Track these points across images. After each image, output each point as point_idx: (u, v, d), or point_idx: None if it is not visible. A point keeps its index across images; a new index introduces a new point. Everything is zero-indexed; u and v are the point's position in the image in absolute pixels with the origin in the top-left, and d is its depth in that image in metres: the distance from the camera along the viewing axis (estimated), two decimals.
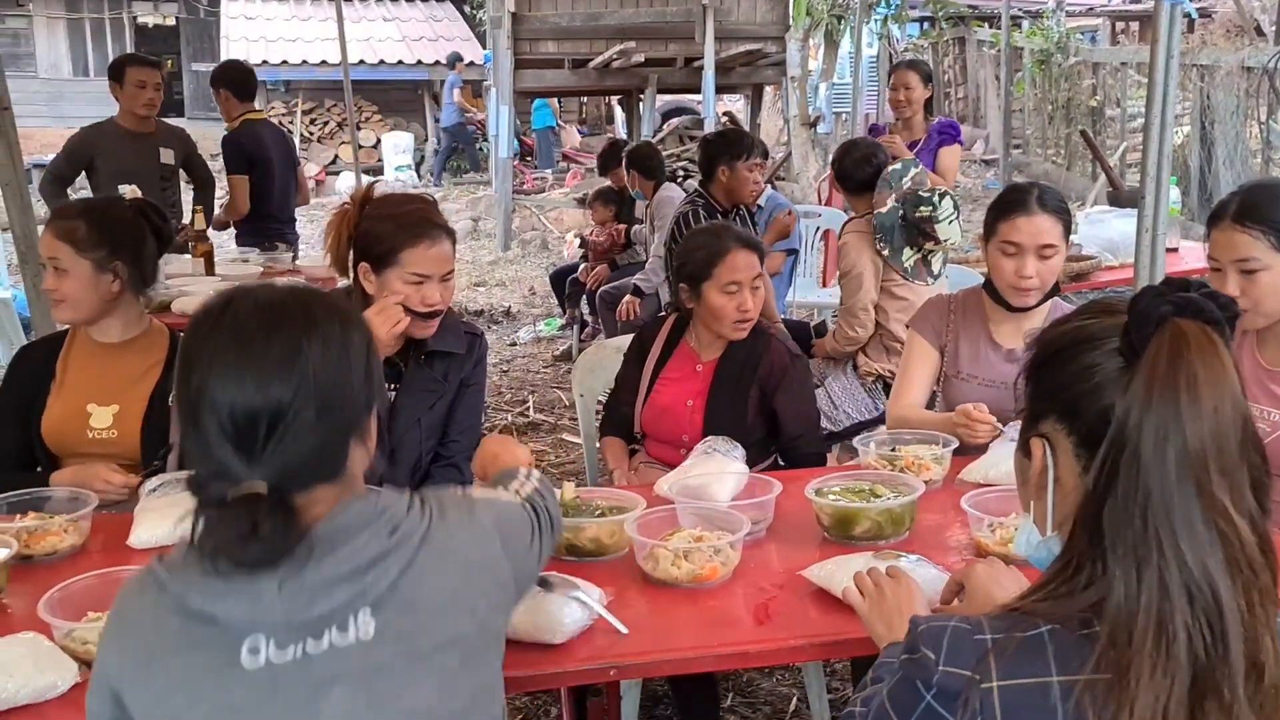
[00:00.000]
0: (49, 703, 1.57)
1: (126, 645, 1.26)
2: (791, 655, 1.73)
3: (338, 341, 1.26)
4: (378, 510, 1.27)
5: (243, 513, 1.16)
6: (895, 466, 2.23)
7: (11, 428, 2.54)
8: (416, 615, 1.25)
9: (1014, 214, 2.60)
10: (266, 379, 1.20)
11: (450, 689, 1.27)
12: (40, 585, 1.93)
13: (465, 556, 1.32)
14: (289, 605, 1.20)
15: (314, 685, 1.21)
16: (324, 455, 1.25)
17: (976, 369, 2.71)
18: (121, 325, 2.56)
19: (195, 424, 1.21)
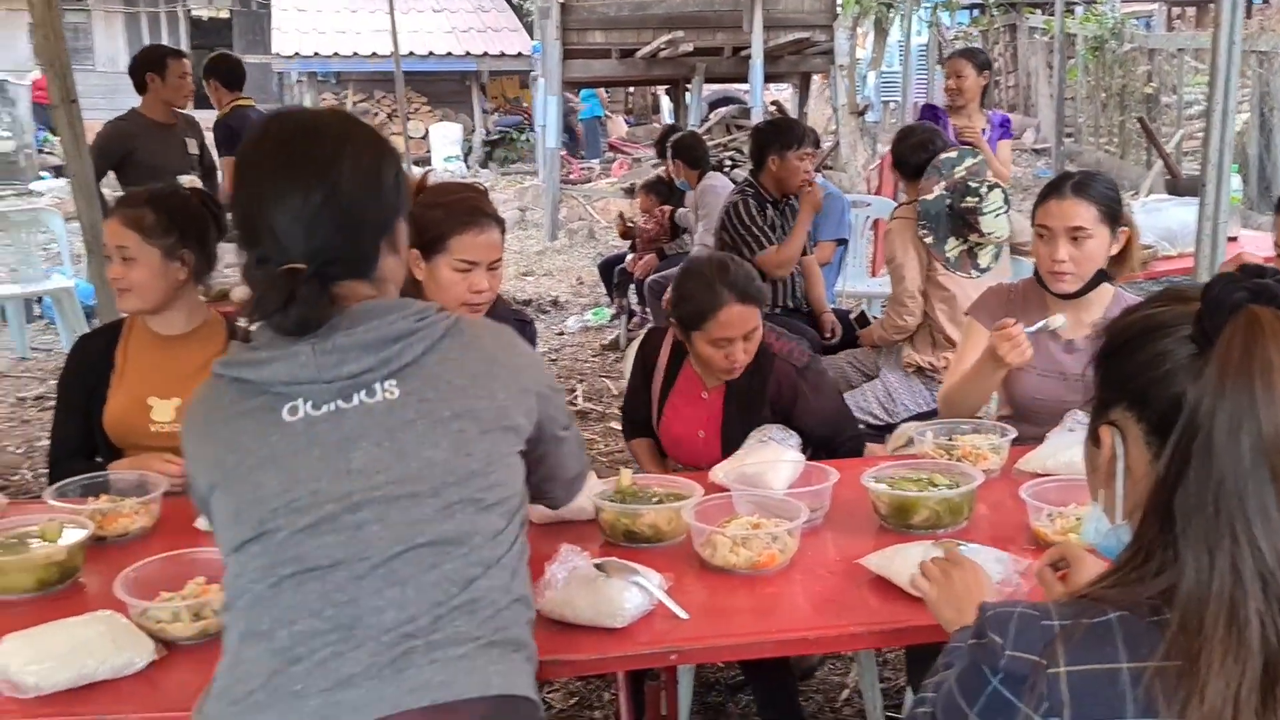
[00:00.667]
0: (126, 679, 1.61)
1: (193, 428, 1.47)
2: (851, 642, 1.74)
3: (370, 154, 1.44)
4: (405, 302, 1.45)
5: (285, 283, 1.34)
6: (953, 456, 2.22)
7: (74, 418, 2.58)
8: (438, 388, 1.40)
9: (1046, 198, 2.62)
10: (305, 182, 1.38)
11: (466, 450, 1.39)
12: (113, 566, 1.98)
13: (490, 353, 1.46)
14: (321, 363, 1.37)
15: (344, 437, 1.37)
16: (355, 251, 1.43)
17: (1037, 359, 2.69)
18: (185, 316, 2.60)
19: (246, 221, 1.40)
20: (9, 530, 1.98)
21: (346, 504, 1.34)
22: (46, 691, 1.55)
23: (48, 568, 1.88)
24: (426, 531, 1.34)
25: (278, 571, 1.34)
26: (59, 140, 3.61)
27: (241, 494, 1.38)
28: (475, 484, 1.38)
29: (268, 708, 1.29)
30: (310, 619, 1.31)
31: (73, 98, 3.62)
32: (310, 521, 1.34)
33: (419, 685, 1.28)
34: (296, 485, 1.36)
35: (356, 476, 1.35)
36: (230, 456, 1.39)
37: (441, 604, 1.32)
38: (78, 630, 1.63)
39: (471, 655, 1.31)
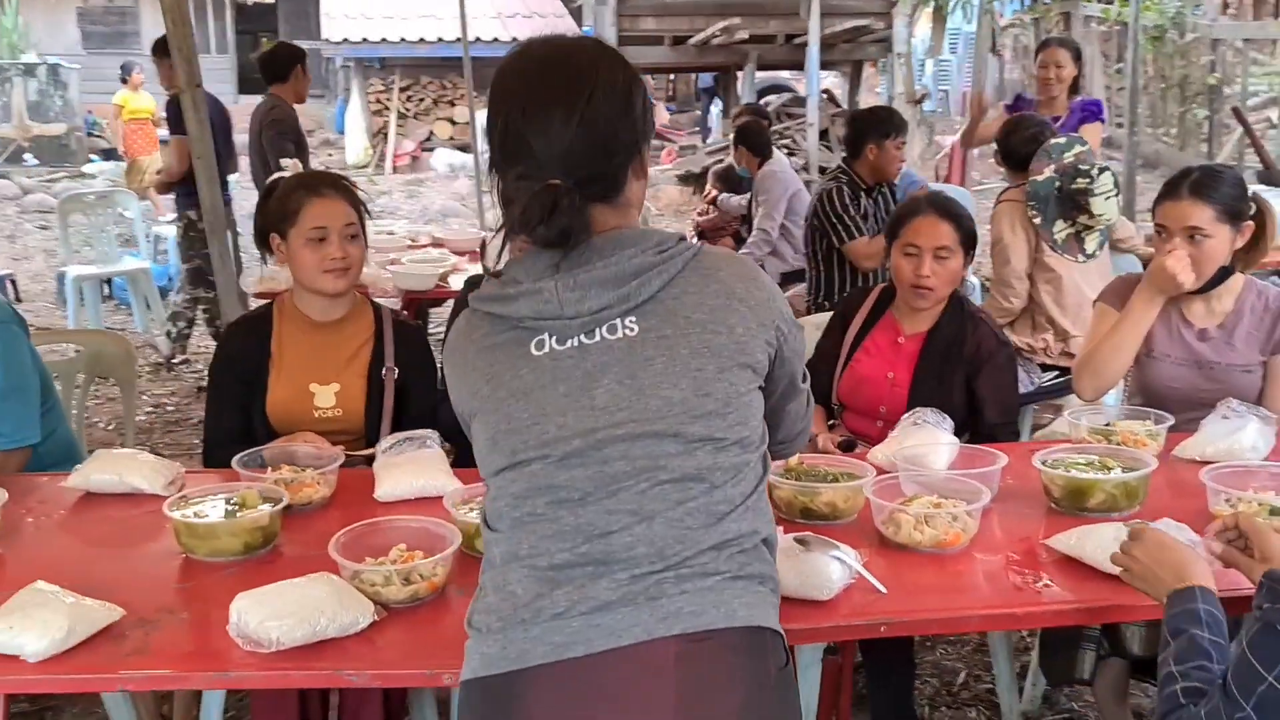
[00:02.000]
0: (350, 638, 1.68)
1: (452, 359, 1.55)
2: (1057, 619, 1.78)
3: (622, 78, 1.47)
4: (649, 233, 1.49)
5: (547, 196, 1.40)
6: (1111, 442, 2.26)
7: (230, 407, 2.64)
8: (676, 324, 1.44)
9: (1164, 198, 2.65)
10: (564, 103, 1.42)
11: (705, 389, 1.42)
12: (303, 532, 2.07)
13: (730, 286, 1.48)
14: (564, 299, 1.43)
15: (588, 372, 1.43)
16: (608, 171, 1.47)
17: (1170, 348, 2.72)
18: (346, 301, 2.67)
19: (506, 141, 1.45)
20: (207, 498, 2.05)
21: (591, 440, 1.41)
22: (286, 646, 1.62)
23: (253, 532, 1.96)
24: (669, 468, 1.40)
25: (533, 501, 1.42)
26: (108, 124, 3.69)
27: (496, 424, 1.46)
28: (714, 423, 1.42)
29: (533, 624, 1.37)
30: (567, 552, 1.39)
31: (198, 82, 3.71)
32: (559, 455, 1.41)
33: (670, 614, 1.35)
34: (545, 419, 1.43)
35: (600, 413, 1.42)
36: (485, 387, 1.48)
37: (690, 541, 1.38)
38: (307, 590, 1.70)
39: (719, 588, 1.38)
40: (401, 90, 18.02)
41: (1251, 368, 2.65)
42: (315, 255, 2.56)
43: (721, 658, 1.35)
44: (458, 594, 1.84)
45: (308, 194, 2.57)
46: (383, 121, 17.74)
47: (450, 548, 1.83)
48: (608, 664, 1.35)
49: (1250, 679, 1.16)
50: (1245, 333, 2.68)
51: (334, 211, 2.58)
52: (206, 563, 1.94)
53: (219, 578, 1.90)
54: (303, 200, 2.57)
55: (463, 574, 1.85)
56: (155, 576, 1.92)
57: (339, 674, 1.62)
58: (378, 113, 17.90)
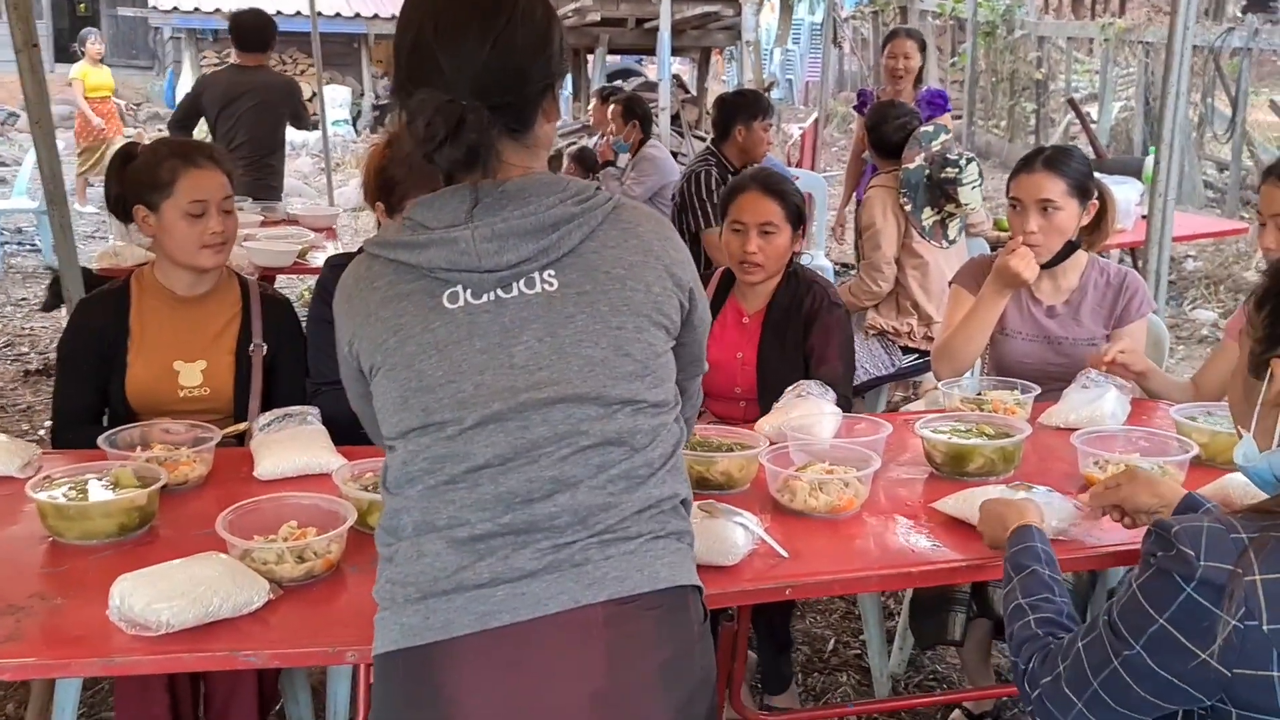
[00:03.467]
0: (243, 618, 1.61)
1: (353, 309, 1.45)
2: (949, 576, 1.85)
3: (540, 16, 1.42)
4: (564, 181, 1.44)
5: (452, 110, 1.33)
6: (983, 410, 2.36)
7: (81, 385, 2.48)
8: (595, 279, 1.40)
9: (1019, 172, 2.79)
10: (478, 25, 1.38)
11: (625, 348, 1.40)
12: (179, 512, 1.98)
13: (647, 242, 1.45)
14: (481, 250, 1.37)
15: (505, 328, 1.38)
16: (519, 101, 1.40)
17: (1021, 325, 2.85)
18: (214, 274, 2.55)
19: (413, 59, 1.40)
20: (73, 477, 1.94)
21: (512, 403, 1.36)
22: (175, 629, 1.54)
23: (129, 513, 1.85)
24: (590, 433, 1.37)
25: (449, 468, 1.37)
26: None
27: (406, 380, 1.39)
28: (634, 385, 1.40)
29: (456, 595, 1.34)
30: (489, 522, 1.35)
31: (34, 42, 3.47)
32: (477, 419, 1.36)
33: (595, 580, 1.34)
34: (461, 377, 1.37)
35: (519, 372, 1.37)
36: (391, 338, 1.40)
37: (613, 508, 1.37)
38: (196, 570, 1.62)
39: (641, 550, 1.37)
40: None
41: (1096, 341, 2.80)
42: (193, 230, 2.44)
43: (647, 619, 1.36)
44: (352, 570, 1.79)
45: (184, 164, 2.43)
46: None
47: (345, 524, 1.77)
48: (535, 632, 1.33)
49: (1141, 619, 1.23)
50: (1090, 308, 2.83)
51: (212, 183, 2.45)
52: (77, 546, 1.83)
53: (93, 561, 1.79)
54: (178, 170, 2.43)
55: (356, 550, 1.80)
56: (19, 562, 1.80)
57: (235, 655, 1.55)
58: None
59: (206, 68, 17.28)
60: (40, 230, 8.36)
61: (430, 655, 1.35)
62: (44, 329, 6.47)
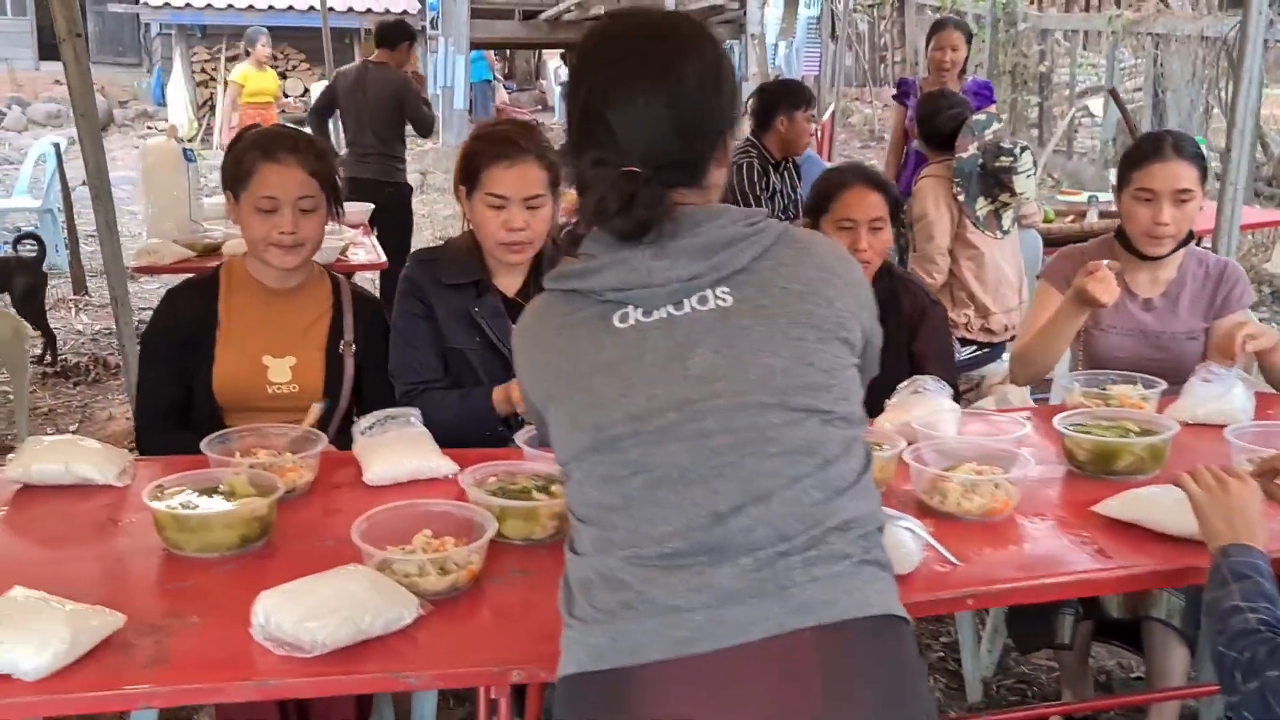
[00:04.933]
0: (392, 636, 1.51)
1: (527, 342, 1.44)
2: (1135, 583, 1.76)
3: (712, 59, 1.38)
4: (732, 208, 1.39)
5: (626, 185, 1.31)
6: (1109, 405, 2.28)
7: (171, 382, 2.37)
8: (772, 294, 1.34)
9: (1150, 161, 2.64)
10: (649, 83, 1.33)
11: (807, 359, 1.32)
12: (292, 522, 1.87)
13: (824, 262, 1.40)
14: (652, 267, 1.33)
15: (679, 343, 1.32)
16: (691, 156, 1.37)
17: (1116, 319, 2.76)
18: (304, 268, 2.44)
19: (585, 121, 1.36)
20: (186, 487, 1.83)
21: (688, 411, 1.29)
22: (330, 649, 1.44)
23: (250, 524, 1.74)
24: (777, 440, 1.28)
25: (626, 484, 1.29)
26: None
27: (577, 401, 1.34)
28: (820, 395, 1.31)
29: (648, 616, 1.24)
30: (678, 539, 1.26)
31: (78, 31, 3.35)
32: (652, 429, 1.29)
33: (802, 604, 1.24)
34: (632, 391, 1.31)
35: (695, 383, 1.30)
36: (565, 364, 1.36)
37: (811, 519, 1.27)
38: (343, 585, 1.52)
39: (848, 573, 1.27)
40: (229, 60, 17.12)
41: (1195, 334, 2.72)
42: (263, 225, 2.32)
43: (861, 649, 1.25)
44: (493, 583, 1.69)
45: (262, 157, 2.31)
46: (208, 92, 16.82)
47: (486, 534, 1.67)
48: (738, 660, 1.22)
49: None
50: (1189, 300, 2.74)
51: (287, 181, 2.32)
52: (195, 559, 1.72)
53: (218, 575, 1.68)
54: (256, 163, 2.31)
55: (491, 560, 1.70)
56: (139, 577, 1.70)
57: (394, 677, 1.45)
58: (202, 83, 16.96)
59: (197, 64, 17.10)
60: (44, 230, 8.17)
61: (622, 680, 1.25)
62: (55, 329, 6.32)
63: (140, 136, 15.35)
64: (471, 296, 2.46)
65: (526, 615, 1.60)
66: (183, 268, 4.07)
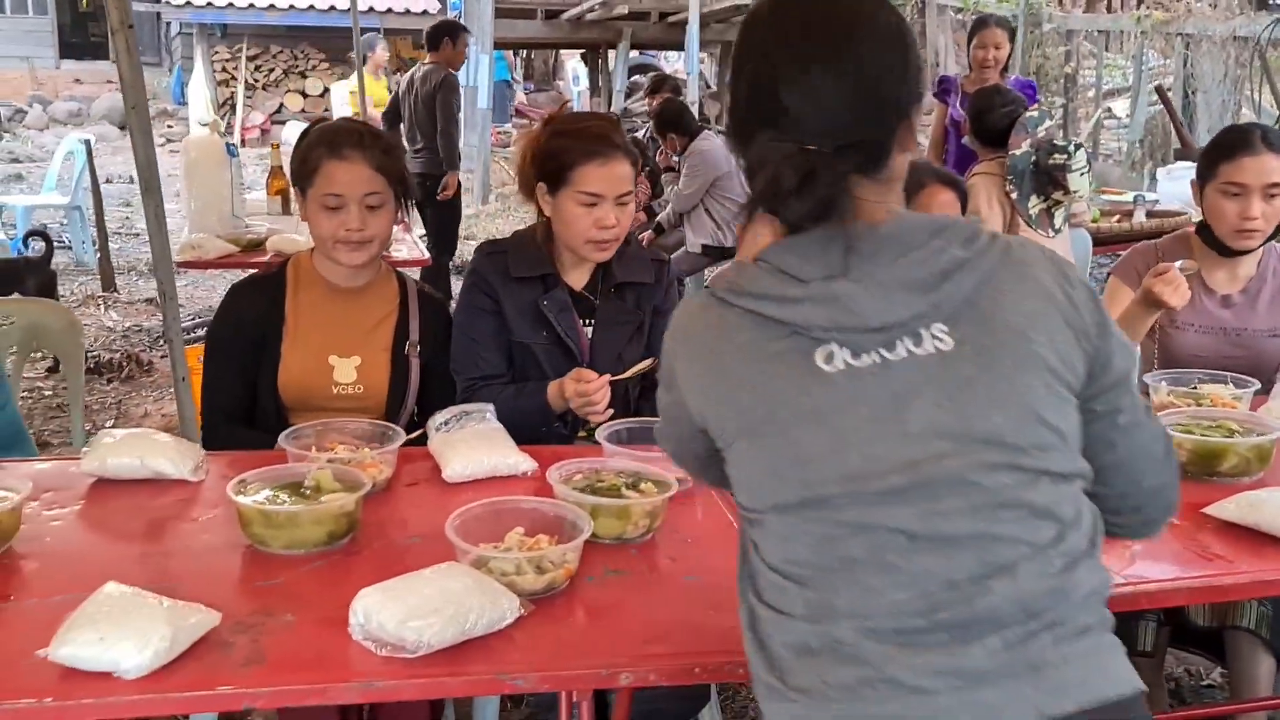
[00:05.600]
0: (493, 636, 1.45)
1: (701, 362, 1.29)
2: (1263, 589, 1.71)
3: (894, 27, 1.26)
4: (943, 221, 1.26)
5: (801, 161, 1.19)
6: (1201, 405, 2.22)
7: (237, 379, 2.34)
8: (995, 332, 1.21)
9: (1239, 154, 2.58)
10: (825, 53, 1.22)
11: (1037, 411, 1.20)
12: (374, 519, 1.82)
13: (1046, 286, 1.25)
14: (866, 307, 1.20)
15: (895, 393, 1.20)
16: (874, 135, 1.24)
17: (1192, 316, 2.70)
18: (372, 266, 2.39)
19: (754, 98, 1.26)
20: (269, 482, 1.78)
21: (913, 475, 1.17)
22: (435, 649, 1.39)
23: (338, 520, 1.70)
24: (1013, 504, 1.17)
25: (845, 546, 1.19)
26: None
27: (779, 450, 1.22)
28: (1051, 454, 1.20)
29: (890, 700, 1.15)
30: (918, 618, 1.16)
31: (130, 22, 3.31)
32: (875, 491, 1.18)
33: (1058, 686, 1.14)
34: (848, 449, 1.19)
35: (916, 442, 1.18)
36: (761, 406, 1.22)
37: (1058, 592, 1.16)
38: (444, 583, 1.47)
39: (1097, 649, 1.18)
40: (250, 59, 17.15)
41: (1277, 331, 2.66)
42: (329, 222, 2.28)
43: None
44: (587, 582, 1.63)
45: (328, 153, 2.27)
46: (229, 92, 16.85)
47: (582, 534, 1.62)
48: None
49: None
50: (1270, 296, 2.68)
51: (352, 177, 2.27)
52: (283, 556, 1.67)
53: (307, 572, 1.63)
54: (321, 159, 2.27)
55: (582, 560, 1.65)
56: (226, 573, 1.65)
57: (502, 679, 1.40)
58: (223, 83, 16.99)
59: (217, 64, 17.12)
60: (70, 227, 8.17)
61: None
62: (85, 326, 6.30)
63: (161, 135, 15.37)
64: (539, 290, 2.42)
65: (625, 616, 1.55)
66: (226, 263, 4.04)
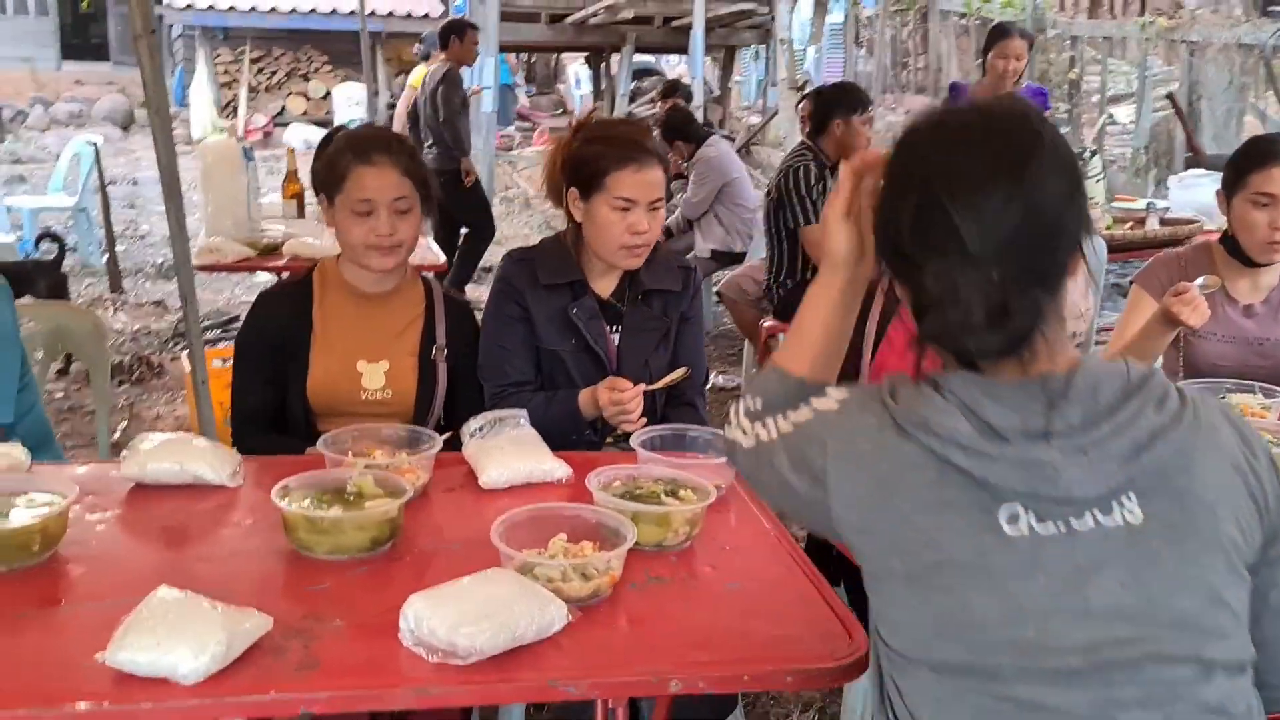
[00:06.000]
0: (544, 643, 1.46)
1: (860, 479, 1.23)
2: None
3: (1066, 155, 1.22)
4: (1138, 376, 1.20)
5: (993, 292, 1.15)
6: None
7: (264, 386, 2.36)
8: (1185, 506, 1.18)
9: (1269, 164, 2.59)
10: (1006, 177, 1.18)
11: (1219, 596, 1.17)
12: (412, 524, 1.82)
13: (1232, 454, 1.22)
14: (1070, 478, 1.14)
15: (1078, 566, 1.15)
16: (1046, 270, 1.20)
17: (1215, 325, 2.72)
18: (399, 271, 2.41)
19: (922, 221, 1.20)
20: (311, 487, 1.79)
21: (1093, 659, 1.14)
22: (487, 655, 1.40)
23: (382, 526, 1.71)
24: (1188, 699, 1.15)
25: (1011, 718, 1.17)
26: None
27: (945, 607, 1.18)
28: (1230, 643, 1.17)
29: None
30: None
31: (153, 28, 3.32)
32: (1049, 670, 1.15)
33: None
34: (1024, 620, 1.15)
35: (1097, 622, 1.15)
36: (929, 555, 1.18)
37: None
38: (493, 590, 1.48)
39: None
40: (252, 62, 17.15)
41: None
42: (360, 229, 2.30)
43: None
44: (630, 588, 1.65)
45: (357, 159, 2.29)
46: (231, 94, 16.85)
47: (626, 541, 1.63)
48: None
49: None
50: None
51: (383, 182, 2.29)
52: (327, 561, 1.68)
53: (352, 577, 1.64)
54: (351, 166, 2.29)
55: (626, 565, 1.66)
56: (272, 578, 1.66)
57: (554, 685, 1.41)
58: (226, 85, 17.00)
59: (220, 66, 17.13)
60: (77, 228, 8.17)
61: None
62: None
63: None
64: (568, 298, 2.43)
65: (669, 622, 1.56)
66: (244, 266, 4.06)
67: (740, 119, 15.21)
